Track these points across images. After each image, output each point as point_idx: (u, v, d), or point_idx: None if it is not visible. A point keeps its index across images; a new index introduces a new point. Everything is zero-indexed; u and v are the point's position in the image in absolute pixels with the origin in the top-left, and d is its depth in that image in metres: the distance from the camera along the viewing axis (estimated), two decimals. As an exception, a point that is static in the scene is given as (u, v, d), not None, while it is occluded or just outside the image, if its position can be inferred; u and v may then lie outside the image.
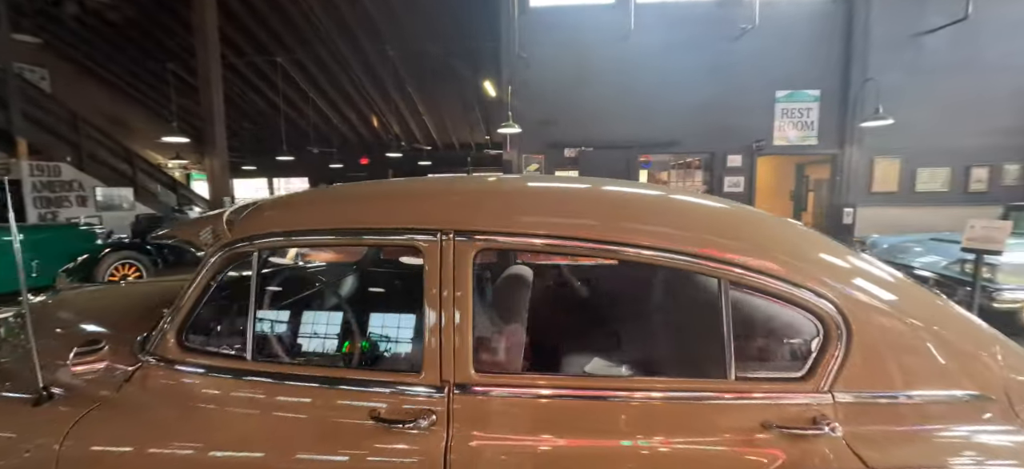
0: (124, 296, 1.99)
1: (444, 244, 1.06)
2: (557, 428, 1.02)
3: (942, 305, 1.20)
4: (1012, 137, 7.51)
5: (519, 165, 8.20)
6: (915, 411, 1.04)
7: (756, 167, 8.00)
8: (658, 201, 1.30)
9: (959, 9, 6.95)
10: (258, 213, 1.25)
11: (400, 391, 1.05)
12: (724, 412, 1.03)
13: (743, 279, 1.06)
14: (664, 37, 7.61)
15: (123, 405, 1.14)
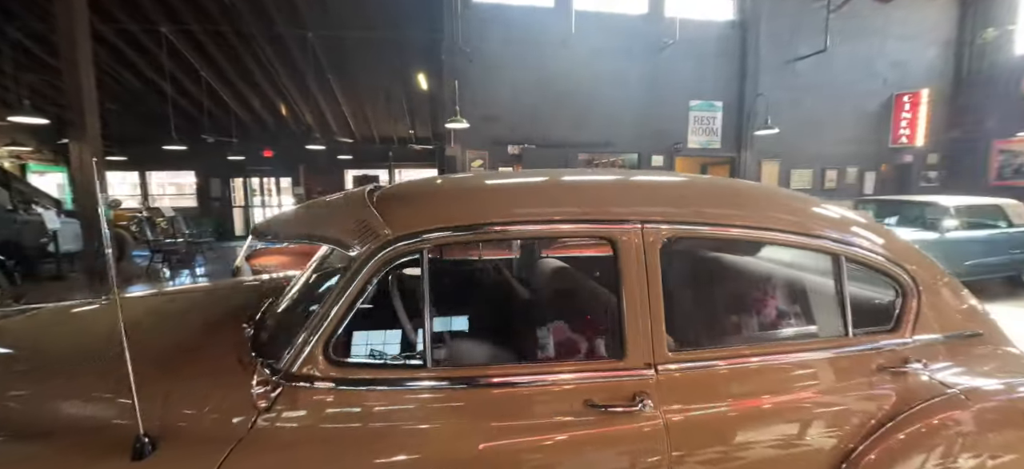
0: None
1: (636, 234, 1.12)
2: (738, 392, 1.15)
3: (942, 268, 1.59)
4: (853, 146, 9.56)
5: (463, 161, 8.14)
6: (950, 348, 1.39)
7: (676, 166, 9.01)
8: (780, 194, 1.50)
9: (820, 43, 8.61)
10: (416, 207, 1.16)
11: (607, 377, 1.08)
12: (851, 361, 1.27)
13: (851, 256, 1.31)
14: (600, 44, 8.16)
15: (273, 440, 0.96)
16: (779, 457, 1.15)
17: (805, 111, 9.13)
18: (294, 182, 14.79)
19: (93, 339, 1.39)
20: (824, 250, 1.31)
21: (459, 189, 1.34)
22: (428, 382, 1.04)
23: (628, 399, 1.05)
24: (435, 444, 0.99)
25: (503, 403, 1.05)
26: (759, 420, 1.15)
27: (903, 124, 9.57)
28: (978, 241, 5.61)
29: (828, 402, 1.21)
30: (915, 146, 9.56)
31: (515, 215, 1.14)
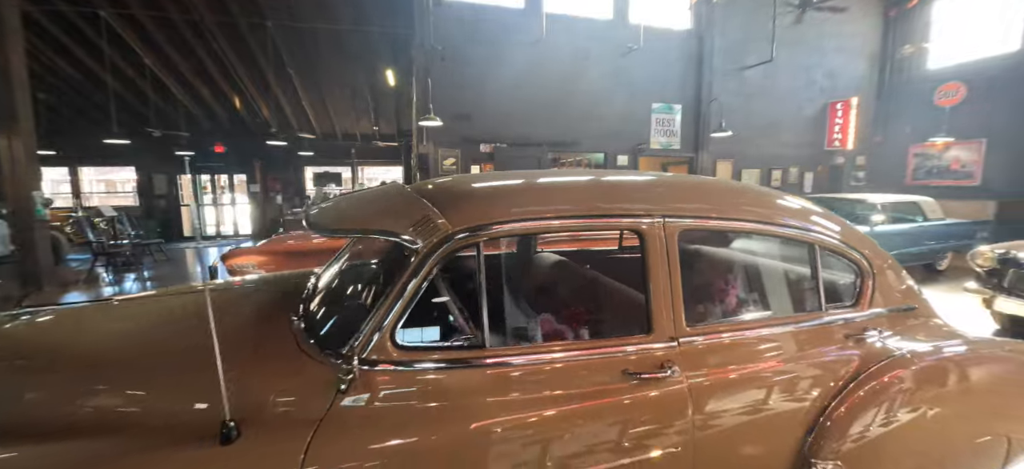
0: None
1: (659, 226, 1.30)
2: (740, 359, 1.37)
3: (887, 253, 1.90)
4: (795, 148, 10.45)
5: (436, 159, 8.15)
6: (892, 319, 1.69)
7: (639, 165, 9.47)
8: (744, 191, 1.74)
9: (767, 53, 9.36)
10: (473, 203, 1.26)
11: (638, 349, 1.26)
12: (826, 333, 1.53)
13: (823, 243, 1.57)
14: (569, 47, 8.43)
15: (351, 420, 1.06)
16: (775, 411, 1.38)
17: (754, 115, 9.88)
18: (250, 179, 14.07)
19: (142, 336, 1.41)
20: (804, 239, 1.56)
21: (508, 188, 1.47)
22: (488, 360, 1.17)
23: (657, 367, 1.23)
24: (498, 415, 1.13)
25: (553, 376, 1.20)
26: (757, 381, 1.37)
27: (836, 129, 10.58)
28: (900, 233, 6.37)
29: (810, 365, 1.46)
30: (846, 149, 10.59)
31: (557, 211, 1.29)
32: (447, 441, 1.08)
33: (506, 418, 1.13)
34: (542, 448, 1.14)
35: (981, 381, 1.65)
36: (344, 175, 15.53)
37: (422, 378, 1.14)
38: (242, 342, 1.31)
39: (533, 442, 1.14)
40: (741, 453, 1.34)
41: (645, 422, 1.20)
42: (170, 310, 1.66)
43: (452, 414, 1.11)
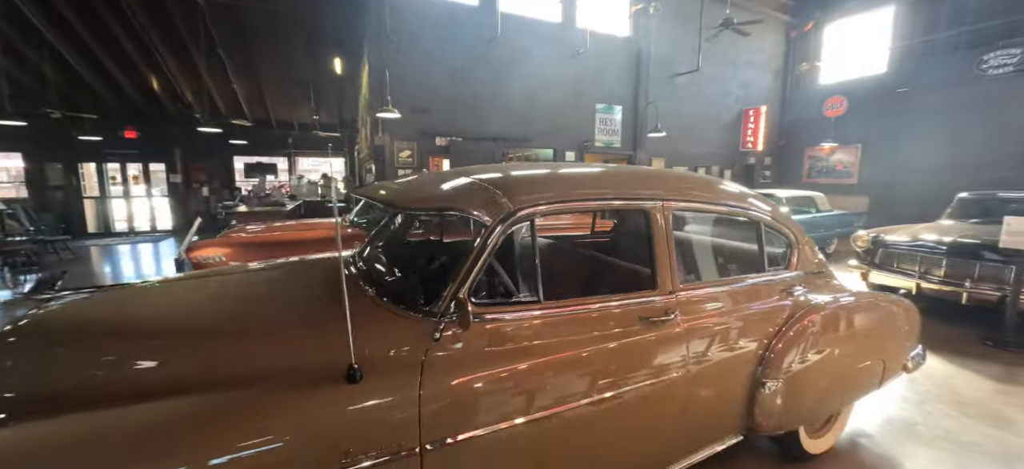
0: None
1: (660, 208, 1.70)
2: (716, 305, 1.82)
3: (803, 230, 2.49)
4: (716, 149, 11.78)
5: (392, 151, 8.14)
6: (808, 279, 2.27)
7: (585, 161, 10.13)
8: (713, 182, 2.21)
9: (694, 63, 10.46)
10: (526, 190, 1.55)
11: (647, 300, 1.65)
12: (770, 288, 2.04)
13: (765, 222, 2.09)
14: (522, 46, 8.81)
15: (446, 361, 1.31)
16: (739, 345, 1.85)
17: (683, 118, 10.98)
18: (169, 168, 12.80)
19: (243, 306, 1.55)
20: (754, 219, 2.07)
21: (549, 176, 1.78)
22: (543, 310, 1.49)
23: (663, 312, 1.64)
24: (552, 351, 1.45)
25: (592, 320, 1.55)
26: (727, 323, 1.84)
27: (749, 133, 12.09)
28: (800, 222, 7.60)
29: (760, 312, 1.95)
30: (757, 150, 12.15)
31: (586, 194, 1.64)
32: (515, 372, 1.38)
33: (556, 354, 1.46)
34: (583, 375, 1.49)
35: (864, 322, 2.26)
36: (280, 165, 14.66)
37: (494, 326, 1.43)
38: (330, 309, 1.51)
39: (577, 371, 1.48)
40: (718, 377, 1.80)
41: (654, 355, 1.60)
42: (249, 284, 1.78)
43: (517, 352, 1.41)
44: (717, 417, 1.87)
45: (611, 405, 1.52)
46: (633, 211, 1.73)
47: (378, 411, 1.19)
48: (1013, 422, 2.75)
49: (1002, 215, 4.33)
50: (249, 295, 1.69)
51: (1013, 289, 3.97)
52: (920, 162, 9.96)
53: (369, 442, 1.15)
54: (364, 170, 11.78)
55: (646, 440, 1.68)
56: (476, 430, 1.29)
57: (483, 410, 1.31)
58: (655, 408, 1.65)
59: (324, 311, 1.53)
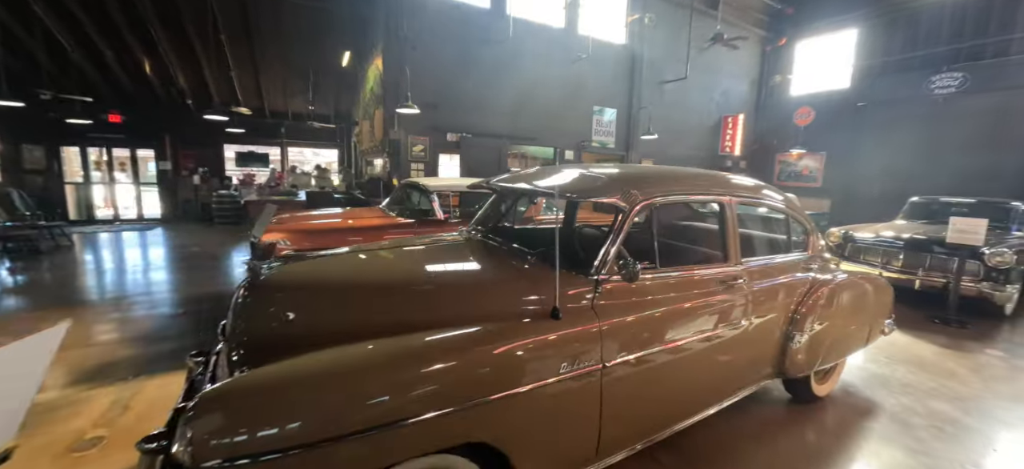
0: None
1: (729, 201, 2.30)
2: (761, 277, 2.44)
3: (813, 222, 3.17)
4: (699, 151, 12.71)
5: (406, 145, 8.48)
6: (817, 260, 2.94)
7: (582, 160, 10.77)
8: (759, 184, 2.84)
9: (683, 72, 11.30)
10: (652, 185, 2.11)
11: (723, 270, 2.25)
12: (796, 265, 2.69)
13: (791, 215, 2.74)
14: (530, 50, 9.32)
15: (602, 307, 1.85)
16: (779, 304, 2.49)
17: (671, 122, 11.80)
18: (158, 155, 12.53)
19: (463, 262, 2.05)
20: (785, 212, 2.71)
21: (655, 174, 2.36)
22: (660, 274, 2.05)
23: (734, 279, 2.24)
24: (668, 303, 2.02)
25: (693, 282, 2.13)
26: (771, 289, 2.47)
27: (727, 138, 13.09)
28: (778, 221, 8.52)
29: (791, 283, 2.60)
30: (734, 154, 13.17)
31: (681, 189, 2.21)
32: (643, 315, 1.93)
33: (668, 306, 2.02)
34: (686, 321, 2.06)
35: (856, 294, 2.95)
36: (272, 155, 14.54)
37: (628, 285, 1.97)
38: (517, 271, 2.01)
39: (682, 318, 2.05)
40: (764, 330, 2.42)
41: (730, 311, 2.21)
42: (428, 255, 2.27)
43: (645, 302, 1.96)
44: (762, 361, 2.50)
45: (702, 345, 2.11)
46: (713, 203, 2.32)
47: (568, 340, 1.71)
48: (957, 374, 3.56)
49: (946, 216, 5.26)
50: (438, 262, 2.15)
51: (955, 277, 4.88)
52: (875, 169, 11.20)
53: (570, 362, 1.67)
54: (364, 163, 11.98)
55: (720, 373, 2.28)
56: (628, 355, 1.84)
57: (630, 341, 1.86)
58: (727, 350, 2.25)
59: (508, 271, 2.03)
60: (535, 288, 1.83)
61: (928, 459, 2.48)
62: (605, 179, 2.14)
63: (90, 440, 2.44)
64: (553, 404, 1.62)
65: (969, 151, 9.67)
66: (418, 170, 8.64)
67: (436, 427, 1.37)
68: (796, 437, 2.66)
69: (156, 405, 2.72)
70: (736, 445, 2.52)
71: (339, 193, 10.85)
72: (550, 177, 2.35)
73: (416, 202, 5.46)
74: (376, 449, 1.29)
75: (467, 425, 1.43)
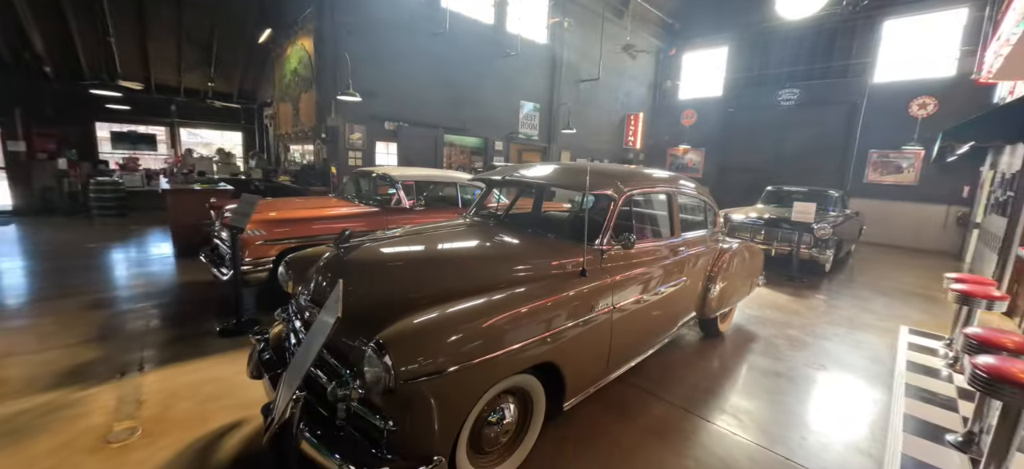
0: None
1: (675, 193, 3.22)
2: (695, 246, 3.44)
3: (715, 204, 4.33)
4: (607, 145, 14.34)
5: (344, 133, 8.39)
6: (716, 234, 4.10)
7: (511, 151, 11.56)
8: (684, 177, 3.83)
9: (596, 72, 12.66)
10: (628, 181, 2.86)
11: (673, 242, 3.16)
12: (711, 237, 3.77)
13: (705, 200, 3.82)
14: (465, 43, 9.73)
15: (606, 267, 2.61)
16: (700, 268, 3.51)
17: (585, 118, 13.17)
18: (7, 134, 10.28)
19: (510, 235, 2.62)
20: (701, 199, 3.76)
21: (631, 173, 3.13)
22: (641, 244, 2.87)
23: (679, 248, 3.18)
24: (645, 265, 2.85)
25: (657, 250, 2.99)
26: (699, 255, 3.48)
27: (630, 134, 14.96)
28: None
29: (709, 250, 3.65)
30: (636, 148, 15.11)
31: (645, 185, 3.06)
32: (630, 276, 2.74)
33: (648, 268, 2.86)
34: (655, 278, 2.92)
35: (742, 257, 4.16)
36: (159, 136, 12.76)
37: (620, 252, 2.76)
38: (547, 244, 2.65)
39: (653, 276, 2.91)
40: (694, 283, 3.43)
41: (681, 269, 3.14)
42: (469, 233, 2.77)
43: (631, 264, 2.77)
44: (692, 305, 3.51)
45: (662, 293, 3.00)
46: (665, 194, 3.22)
47: (594, 290, 2.43)
48: (799, 311, 5.11)
49: (790, 201, 7.11)
50: (482, 239, 2.67)
51: (797, 246, 6.69)
52: (740, 163, 13.86)
53: (594, 305, 2.40)
54: (283, 148, 11.29)
55: (671, 312, 3.20)
56: (624, 302, 2.63)
57: (626, 291, 2.65)
58: (675, 297, 3.18)
59: (540, 244, 2.66)
60: (562, 255, 2.52)
61: (785, 363, 3.74)
62: (598, 175, 2.89)
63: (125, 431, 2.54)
64: (586, 333, 2.33)
65: (803, 151, 12.57)
66: (356, 158, 8.61)
67: (525, 352, 1.99)
68: (710, 359, 3.75)
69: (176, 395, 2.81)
70: (675, 369, 3.51)
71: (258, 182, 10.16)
72: (549, 172, 3.06)
73: (377, 191, 5.70)
74: (492, 369, 1.88)
75: (543, 350, 2.07)
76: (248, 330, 3.81)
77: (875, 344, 4.27)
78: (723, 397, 3.09)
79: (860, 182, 11.56)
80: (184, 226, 6.51)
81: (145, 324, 3.88)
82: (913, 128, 10.60)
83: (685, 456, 2.43)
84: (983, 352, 2.39)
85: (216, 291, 4.82)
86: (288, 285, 2.73)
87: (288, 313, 2.54)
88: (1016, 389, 2.00)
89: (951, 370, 3.70)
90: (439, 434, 1.72)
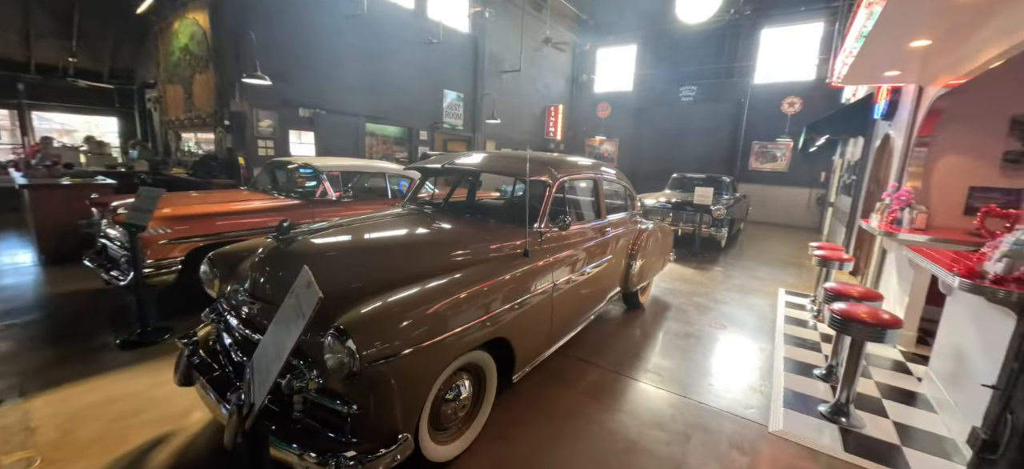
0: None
1: (599, 178, 3.53)
2: (619, 227, 3.80)
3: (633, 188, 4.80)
4: (530, 135, 14.77)
5: (252, 120, 7.66)
6: (635, 215, 4.57)
7: (436, 140, 11.42)
8: (609, 165, 4.17)
9: (517, 64, 12.94)
10: (560, 168, 3.06)
11: (600, 223, 3.46)
12: (631, 220, 4.18)
13: (625, 185, 4.22)
14: (385, 28, 9.35)
15: (545, 248, 2.80)
16: (623, 247, 3.89)
17: (508, 108, 13.42)
18: None
19: (423, 229, 2.61)
20: (623, 184, 4.14)
21: (563, 161, 3.34)
22: (574, 227, 3.10)
23: (606, 228, 3.49)
24: (582, 247, 3.11)
25: (587, 232, 3.25)
26: (622, 234, 3.85)
27: (551, 124, 15.55)
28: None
29: (631, 230, 4.05)
30: (556, 139, 15.76)
31: (575, 172, 3.30)
32: (565, 256, 2.97)
33: (580, 248, 3.11)
34: (587, 256, 3.19)
35: (657, 236, 4.66)
36: (0, 122, 10.47)
37: (557, 234, 2.97)
38: (488, 229, 2.75)
39: (586, 255, 3.17)
40: (618, 259, 3.79)
41: (608, 248, 3.45)
42: (407, 221, 2.74)
43: (566, 246, 3.00)
44: (618, 280, 3.88)
45: (593, 270, 3.29)
46: (592, 179, 3.51)
47: (536, 269, 2.61)
48: (702, 282, 5.85)
49: (692, 187, 8.02)
50: (425, 226, 2.67)
51: (698, 226, 7.59)
52: (650, 152, 15.15)
53: (537, 283, 2.58)
54: (173, 137, 9.97)
55: (601, 287, 3.50)
56: (561, 280, 2.85)
57: (561, 271, 2.88)
58: (604, 273, 3.49)
59: (482, 229, 2.75)
60: (504, 238, 2.66)
61: (694, 326, 4.30)
62: (534, 162, 3.07)
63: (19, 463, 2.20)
64: (532, 310, 2.51)
65: (701, 142, 14.10)
66: (267, 147, 7.93)
67: (482, 329, 2.11)
68: (633, 328, 4.18)
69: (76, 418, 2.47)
70: (605, 338, 3.86)
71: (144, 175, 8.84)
72: (481, 160, 3.18)
73: (298, 182, 5.36)
74: (454, 345, 1.96)
75: (497, 326, 2.20)
76: (157, 339, 3.44)
77: (761, 305, 5.06)
78: (646, 359, 3.49)
79: (746, 170, 13.31)
80: (52, 227, 5.54)
81: (16, 345, 3.30)
82: (785, 123, 12.45)
83: (619, 411, 2.74)
84: (838, 301, 3.01)
85: (108, 299, 4.23)
86: (214, 284, 2.54)
87: (217, 313, 2.37)
88: (861, 326, 2.58)
89: (816, 320, 4.55)
90: (404, 413, 1.78)
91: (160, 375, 2.89)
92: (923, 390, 3.16)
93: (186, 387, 2.23)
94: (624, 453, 2.33)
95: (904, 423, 2.74)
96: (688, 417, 2.72)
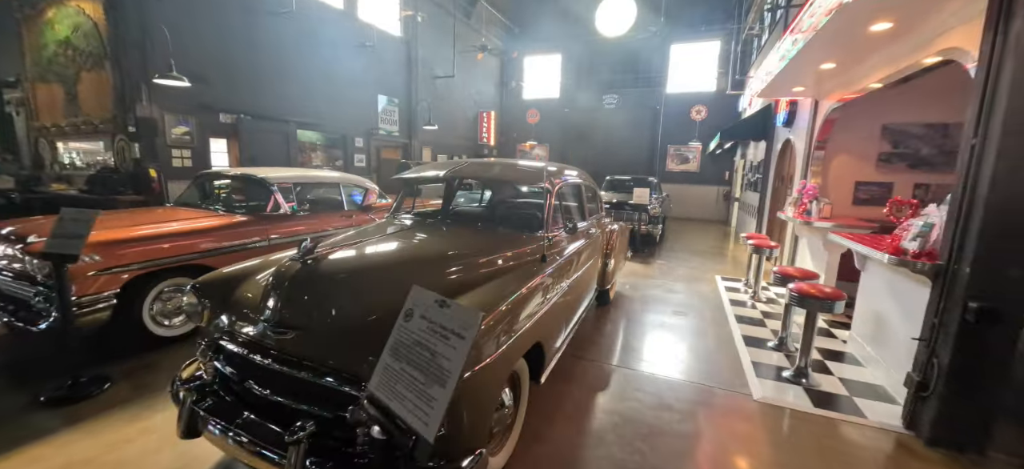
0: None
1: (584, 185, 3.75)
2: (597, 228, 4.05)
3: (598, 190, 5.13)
4: (464, 141, 14.78)
5: (163, 127, 6.70)
6: (604, 217, 4.90)
7: (372, 146, 10.94)
8: (560, 166, 4.41)
9: (450, 70, 12.90)
10: (551, 174, 3.17)
11: (586, 225, 3.67)
12: (602, 223, 4.47)
13: (594, 190, 4.51)
14: (314, 28, 8.75)
15: (553, 252, 2.92)
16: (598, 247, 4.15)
17: (443, 115, 13.31)
18: None
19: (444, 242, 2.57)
20: (594, 190, 4.42)
21: (548, 165, 3.44)
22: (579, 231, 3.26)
23: (590, 230, 3.72)
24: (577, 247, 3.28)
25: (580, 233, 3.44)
26: (597, 235, 4.11)
27: (484, 130, 15.72)
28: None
29: (603, 233, 4.33)
30: (490, 144, 15.96)
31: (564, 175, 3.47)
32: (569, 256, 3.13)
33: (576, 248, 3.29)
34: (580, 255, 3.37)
35: (621, 234, 5.04)
36: None
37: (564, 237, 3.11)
38: (502, 237, 2.78)
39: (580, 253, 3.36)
40: (597, 259, 4.05)
41: (596, 247, 3.67)
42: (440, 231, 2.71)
43: (565, 249, 3.16)
44: (596, 277, 4.14)
45: (586, 269, 3.49)
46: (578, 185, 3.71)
47: (555, 271, 2.73)
48: (653, 276, 6.41)
49: (625, 188, 8.71)
50: (437, 240, 2.62)
51: (638, 223, 8.26)
52: (579, 157, 16.00)
53: (557, 286, 2.69)
54: (45, 144, 8.32)
55: (589, 285, 3.72)
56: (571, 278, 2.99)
57: (570, 269, 3.02)
58: (591, 272, 3.71)
59: (496, 238, 2.77)
60: (521, 245, 2.74)
61: (659, 315, 4.72)
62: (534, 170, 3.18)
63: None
64: (553, 310, 2.61)
65: (624, 146, 15.26)
66: (183, 158, 7.00)
67: (529, 336, 2.17)
68: (608, 322, 4.48)
69: None
70: (588, 335, 4.08)
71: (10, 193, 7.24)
72: (495, 169, 3.22)
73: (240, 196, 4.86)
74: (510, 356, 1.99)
75: (535, 331, 2.27)
76: (92, 391, 2.90)
77: (706, 291, 5.70)
78: (632, 349, 3.78)
79: (664, 171, 14.70)
80: None
81: None
82: (694, 129, 13.99)
83: (628, 399, 2.95)
84: (787, 281, 3.56)
85: (12, 351, 3.47)
86: (203, 316, 2.26)
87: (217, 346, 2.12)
88: (813, 300, 3.09)
89: (752, 301, 5.25)
90: (477, 428, 1.78)
91: (116, 433, 2.46)
92: (850, 350, 3.85)
93: (190, 439, 1.97)
94: (649, 437, 2.54)
95: (846, 378, 3.33)
96: (688, 396, 3.02)
